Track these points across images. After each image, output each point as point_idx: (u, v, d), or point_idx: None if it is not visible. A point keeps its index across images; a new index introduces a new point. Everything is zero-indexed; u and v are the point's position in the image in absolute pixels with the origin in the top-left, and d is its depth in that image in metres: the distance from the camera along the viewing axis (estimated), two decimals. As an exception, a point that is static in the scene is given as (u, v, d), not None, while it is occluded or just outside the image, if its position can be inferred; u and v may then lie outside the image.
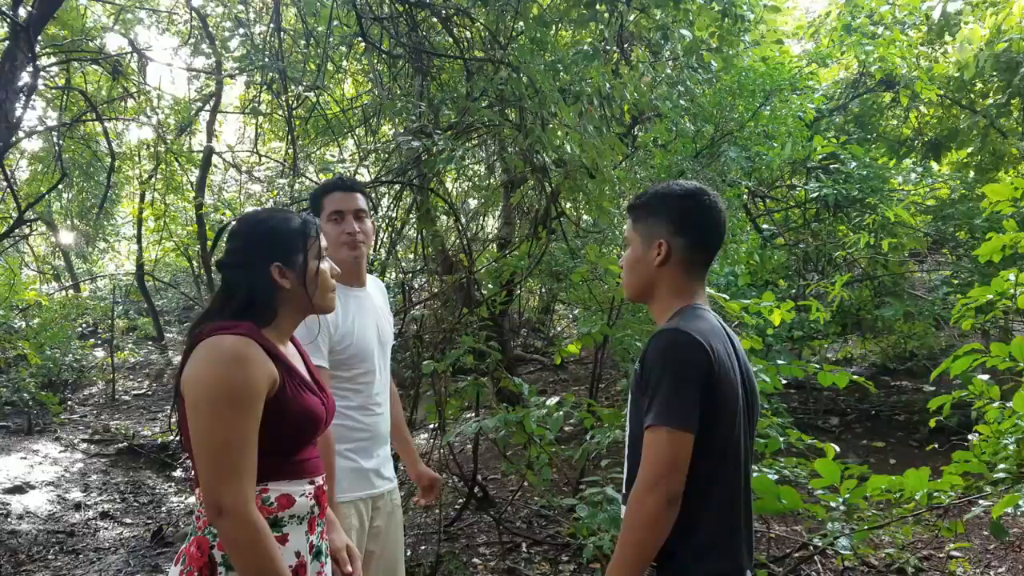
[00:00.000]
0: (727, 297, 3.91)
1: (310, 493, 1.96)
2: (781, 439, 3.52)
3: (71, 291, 13.78)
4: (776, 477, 3.29)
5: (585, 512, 3.08)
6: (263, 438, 1.82)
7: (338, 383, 2.69)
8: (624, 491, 1.95)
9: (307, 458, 1.99)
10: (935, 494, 3.25)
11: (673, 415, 1.75)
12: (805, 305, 4.63)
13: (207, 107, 11.28)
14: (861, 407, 8.05)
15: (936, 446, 5.08)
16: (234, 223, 2.08)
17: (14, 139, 5.74)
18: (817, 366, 3.84)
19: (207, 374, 1.80)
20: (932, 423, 3.93)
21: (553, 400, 4.08)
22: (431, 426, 7.25)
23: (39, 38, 6.35)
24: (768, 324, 3.86)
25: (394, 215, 5.94)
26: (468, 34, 6.03)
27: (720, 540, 1.84)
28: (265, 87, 6.57)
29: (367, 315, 2.81)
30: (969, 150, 9.19)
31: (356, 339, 2.72)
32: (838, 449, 3.32)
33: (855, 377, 3.87)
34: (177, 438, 1.99)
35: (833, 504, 3.50)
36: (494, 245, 9.42)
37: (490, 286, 6.81)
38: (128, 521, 6.45)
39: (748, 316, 3.90)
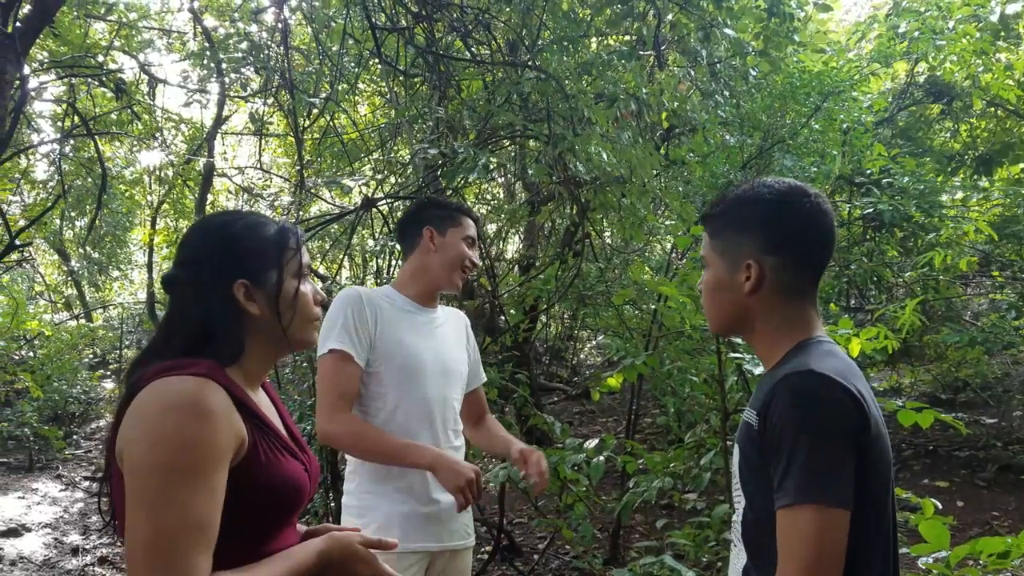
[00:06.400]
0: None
1: None
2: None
3: (82, 320, 13.45)
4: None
5: (640, 587, 2.56)
6: (224, 518, 1.31)
7: (381, 402, 2.43)
8: None
9: (282, 545, 1.46)
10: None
11: (823, 489, 1.31)
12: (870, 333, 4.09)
13: (221, 129, 10.96)
14: (916, 442, 7.42)
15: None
16: (186, 229, 1.58)
17: (5, 156, 5.36)
18: (899, 403, 3.29)
19: (150, 430, 1.28)
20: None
21: (592, 443, 3.56)
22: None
23: (33, 51, 5.99)
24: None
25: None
26: (485, 50, 5.63)
27: None
28: (271, 96, 6.16)
29: (426, 336, 2.54)
30: (1022, 165, 8.63)
31: (404, 351, 2.45)
32: (939, 505, 2.77)
33: (943, 416, 3.32)
34: (113, 522, 1.45)
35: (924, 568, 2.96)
36: (515, 268, 8.96)
37: (512, 312, 6.32)
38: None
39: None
